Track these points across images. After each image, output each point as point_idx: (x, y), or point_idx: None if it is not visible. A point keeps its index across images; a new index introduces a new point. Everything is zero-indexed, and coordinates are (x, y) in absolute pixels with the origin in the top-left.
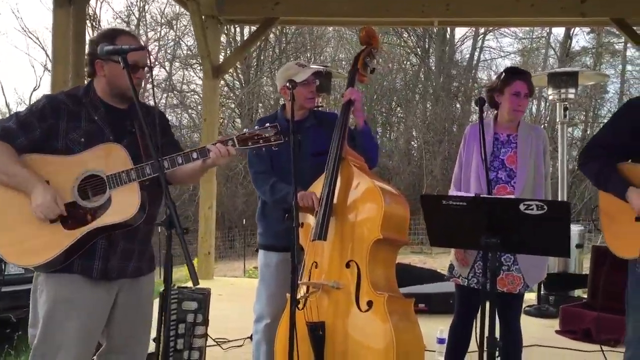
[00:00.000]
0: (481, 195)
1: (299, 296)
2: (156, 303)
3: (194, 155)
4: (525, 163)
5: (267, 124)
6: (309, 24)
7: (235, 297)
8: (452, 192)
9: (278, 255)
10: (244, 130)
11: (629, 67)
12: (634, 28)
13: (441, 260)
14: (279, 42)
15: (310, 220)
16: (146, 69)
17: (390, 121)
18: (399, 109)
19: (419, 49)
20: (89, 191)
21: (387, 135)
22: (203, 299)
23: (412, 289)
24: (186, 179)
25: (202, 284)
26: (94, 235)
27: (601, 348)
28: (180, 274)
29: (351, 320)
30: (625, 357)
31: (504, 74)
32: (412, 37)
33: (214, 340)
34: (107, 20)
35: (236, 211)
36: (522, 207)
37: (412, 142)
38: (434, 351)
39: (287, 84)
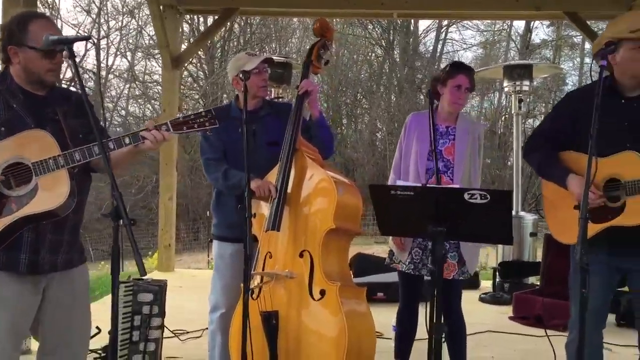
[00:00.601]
0: (428, 185)
1: (252, 286)
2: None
3: (127, 140)
4: (463, 155)
5: (201, 109)
6: (269, 14)
7: (195, 288)
8: (391, 179)
9: (232, 246)
10: (178, 115)
11: (587, 60)
12: (588, 22)
13: None
14: (244, 33)
15: (264, 210)
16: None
17: (355, 112)
18: (363, 100)
19: (383, 41)
20: (12, 180)
21: (352, 127)
22: (159, 290)
23: (372, 278)
24: (118, 165)
25: (163, 276)
26: (19, 226)
27: (546, 332)
28: None
29: (304, 309)
30: (568, 340)
31: (449, 66)
32: (376, 29)
33: (171, 331)
34: (67, 8)
35: (200, 203)
36: (466, 196)
37: (377, 134)
38: (390, 338)
39: (240, 75)
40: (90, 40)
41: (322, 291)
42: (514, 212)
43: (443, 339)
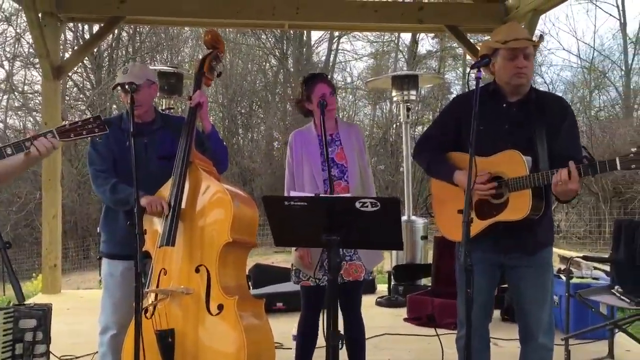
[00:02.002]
0: (321, 195)
1: (147, 304)
2: None
3: (9, 150)
4: (353, 157)
5: (90, 115)
6: (157, 23)
7: (84, 310)
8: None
9: (122, 264)
10: (64, 122)
11: (468, 70)
12: (467, 35)
13: None
14: (132, 41)
15: (157, 226)
16: None
17: (250, 122)
18: (259, 110)
19: (277, 51)
20: None
21: (248, 137)
22: (43, 315)
23: (271, 288)
24: (3, 179)
25: (48, 299)
26: None
27: (436, 332)
28: (25, 289)
29: (202, 325)
30: (457, 336)
31: (304, 83)
32: (270, 39)
33: (58, 358)
34: None
35: (90, 219)
36: (357, 204)
37: (273, 143)
38: (290, 348)
39: (126, 86)
40: None
41: (220, 306)
42: (405, 217)
43: (341, 347)
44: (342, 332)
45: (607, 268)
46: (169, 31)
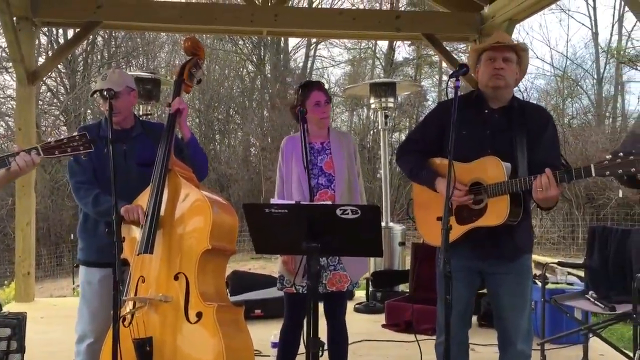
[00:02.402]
0: (301, 202)
1: (124, 313)
2: None
3: None
4: (341, 167)
5: (76, 133)
6: (134, 29)
7: (58, 318)
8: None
9: (100, 271)
10: (50, 139)
11: (445, 78)
12: (444, 43)
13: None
14: (108, 46)
15: (136, 233)
16: None
17: (227, 128)
18: (236, 116)
19: (254, 57)
20: None
21: (225, 143)
22: (17, 324)
23: (249, 295)
24: None
25: (22, 307)
26: None
27: (416, 337)
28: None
29: (180, 333)
30: (436, 343)
31: (300, 89)
32: (247, 45)
33: None
34: None
35: (63, 225)
36: (338, 212)
37: (251, 149)
38: (269, 356)
39: (105, 93)
40: None
41: (199, 314)
42: (383, 223)
43: (321, 354)
44: (323, 339)
45: (582, 274)
46: (144, 36)
